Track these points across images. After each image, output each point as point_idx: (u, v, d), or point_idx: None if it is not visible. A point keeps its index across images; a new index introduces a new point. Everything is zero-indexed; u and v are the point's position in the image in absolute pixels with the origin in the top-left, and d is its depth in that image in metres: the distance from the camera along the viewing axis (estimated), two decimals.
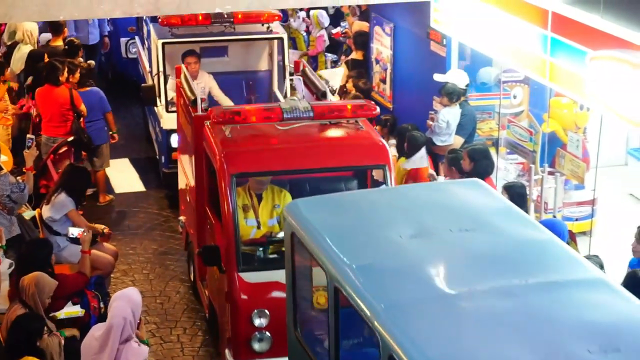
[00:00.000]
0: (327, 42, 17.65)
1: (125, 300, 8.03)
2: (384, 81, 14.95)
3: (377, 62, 15.15)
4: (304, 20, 17.74)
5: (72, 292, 9.70)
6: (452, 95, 12.38)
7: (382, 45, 14.93)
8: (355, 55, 15.70)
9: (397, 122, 13.24)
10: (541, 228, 7.68)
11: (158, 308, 11.63)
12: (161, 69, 13.74)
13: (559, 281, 6.85)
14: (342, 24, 17.68)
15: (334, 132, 10.15)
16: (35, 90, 13.88)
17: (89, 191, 14.25)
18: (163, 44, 13.75)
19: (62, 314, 9.34)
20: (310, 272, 8.17)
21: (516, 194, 10.02)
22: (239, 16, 13.55)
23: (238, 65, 14.63)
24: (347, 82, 14.99)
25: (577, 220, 11.30)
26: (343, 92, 14.78)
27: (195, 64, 13.58)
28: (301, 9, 17.52)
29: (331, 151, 9.98)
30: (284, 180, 10.16)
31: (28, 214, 11.14)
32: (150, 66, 14.73)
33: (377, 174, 10.39)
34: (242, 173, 9.71)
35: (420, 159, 11.94)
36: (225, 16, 13.46)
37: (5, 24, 16.08)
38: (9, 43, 16.08)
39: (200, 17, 13.48)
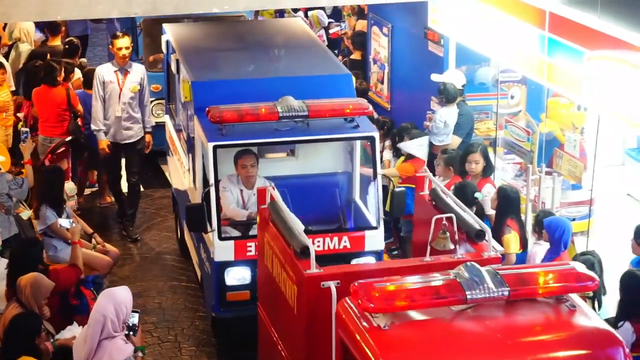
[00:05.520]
0: (326, 42, 17.66)
1: (108, 298, 7.97)
2: (381, 81, 14.96)
3: (375, 62, 15.17)
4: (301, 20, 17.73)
5: (65, 288, 9.42)
6: (450, 95, 12.38)
7: (379, 46, 14.94)
8: (354, 55, 15.71)
9: (394, 125, 13.19)
10: None
11: (156, 308, 11.63)
12: (212, 181, 9.98)
13: None
14: (342, 24, 17.70)
15: (535, 317, 6.70)
16: (28, 90, 13.89)
17: (87, 191, 14.27)
18: (215, 147, 9.93)
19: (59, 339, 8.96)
20: None
21: (503, 196, 10.03)
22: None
23: (309, 167, 11.08)
24: None
25: (574, 220, 11.30)
26: None
27: (252, 166, 10.23)
28: (299, 9, 17.52)
29: (541, 353, 6.50)
30: None
31: (25, 214, 11.11)
32: (192, 167, 11.07)
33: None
34: None
35: (418, 147, 11.83)
36: (298, 109, 9.94)
37: (6, 24, 16.05)
38: (10, 43, 16.06)
39: (263, 110, 9.83)
